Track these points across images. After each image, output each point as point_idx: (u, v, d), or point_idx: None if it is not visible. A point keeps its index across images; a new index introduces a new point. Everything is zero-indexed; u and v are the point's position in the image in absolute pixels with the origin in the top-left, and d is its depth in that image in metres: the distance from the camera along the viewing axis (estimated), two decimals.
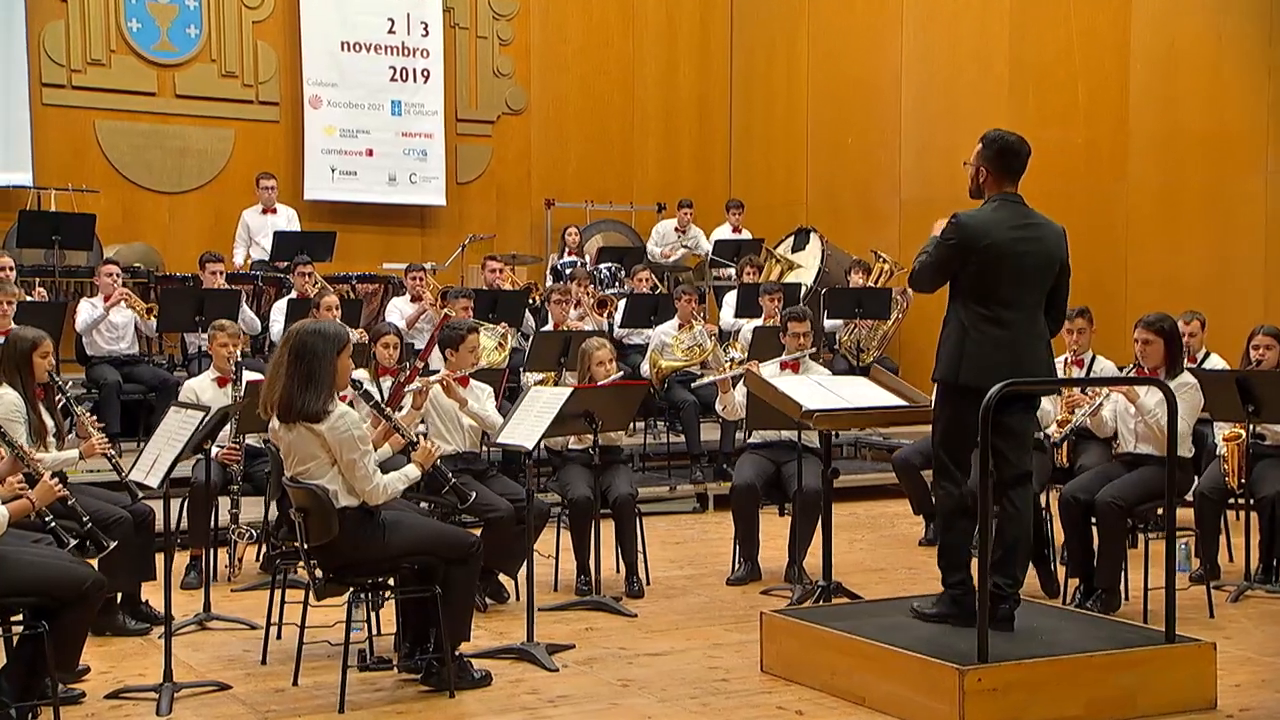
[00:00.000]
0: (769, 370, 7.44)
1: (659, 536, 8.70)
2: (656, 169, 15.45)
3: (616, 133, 15.29)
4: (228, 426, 6.73)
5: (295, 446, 5.02)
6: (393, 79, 13.88)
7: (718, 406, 7.69)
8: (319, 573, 5.12)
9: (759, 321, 10.65)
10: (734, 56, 15.95)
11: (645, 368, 9.96)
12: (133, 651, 5.85)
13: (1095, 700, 4.92)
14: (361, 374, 7.62)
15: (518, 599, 6.75)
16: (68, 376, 9.99)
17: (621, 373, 7.33)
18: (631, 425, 10.64)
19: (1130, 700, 4.98)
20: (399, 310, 10.70)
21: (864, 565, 7.84)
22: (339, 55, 13.66)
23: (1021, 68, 12.84)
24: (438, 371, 6.78)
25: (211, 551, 6.77)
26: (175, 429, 5.17)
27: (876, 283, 12.43)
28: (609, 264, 12.45)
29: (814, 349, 7.57)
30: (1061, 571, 6.90)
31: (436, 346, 7.07)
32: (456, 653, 5.28)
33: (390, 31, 13.89)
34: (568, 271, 11.63)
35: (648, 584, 7.18)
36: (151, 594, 6.41)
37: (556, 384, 8.92)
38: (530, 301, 10.85)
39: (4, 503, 4.72)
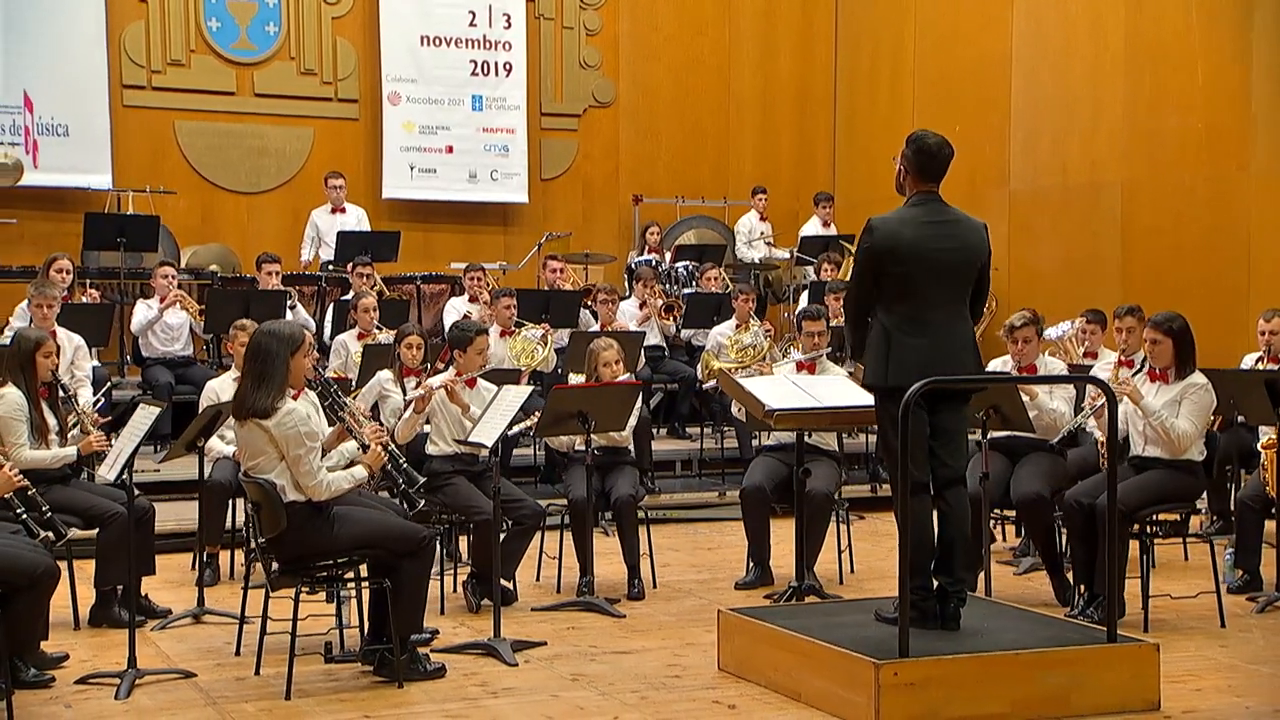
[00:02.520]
0: (786, 370, 7.87)
1: (694, 542, 9.16)
2: (753, 162, 15.82)
3: (710, 125, 15.71)
4: None
5: (247, 442, 5.63)
6: (473, 73, 14.54)
7: (734, 409, 8.11)
8: (274, 565, 5.71)
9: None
10: (839, 42, 16.24)
11: (700, 369, 10.40)
12: (122, 643, 6.50)
13: (1023, 698, 5.24)
14: (386, 374, 8.27)
15: (518, 600, 7.29)
16: (122, 379, 10.95)
17: (629, 374, 7.79)
18: (683, 429, 11.16)
19: (1063, 698, 5.28)
20: (456, 310, 11.31)
21: (886, 573, 8.14)
22: (418, 50, 14.38)
23: (1137, 48, 12.91)
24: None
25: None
26: (139, 424, 5.82)
27: None
28: (685, 262, 12.90)
29: (830, 348, 7.92)
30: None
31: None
32: (414, 645, 5.81)
33: (471, 25, 14.55)
34: (634, 270, 12.10)
35: (654, 587, 7.64)
36: (152, 588, 7.14)
37: None
38: (589, 303, 11.34)
39: None
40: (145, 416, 5.82)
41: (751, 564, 7.79)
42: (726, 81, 15.82)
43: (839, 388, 6.40)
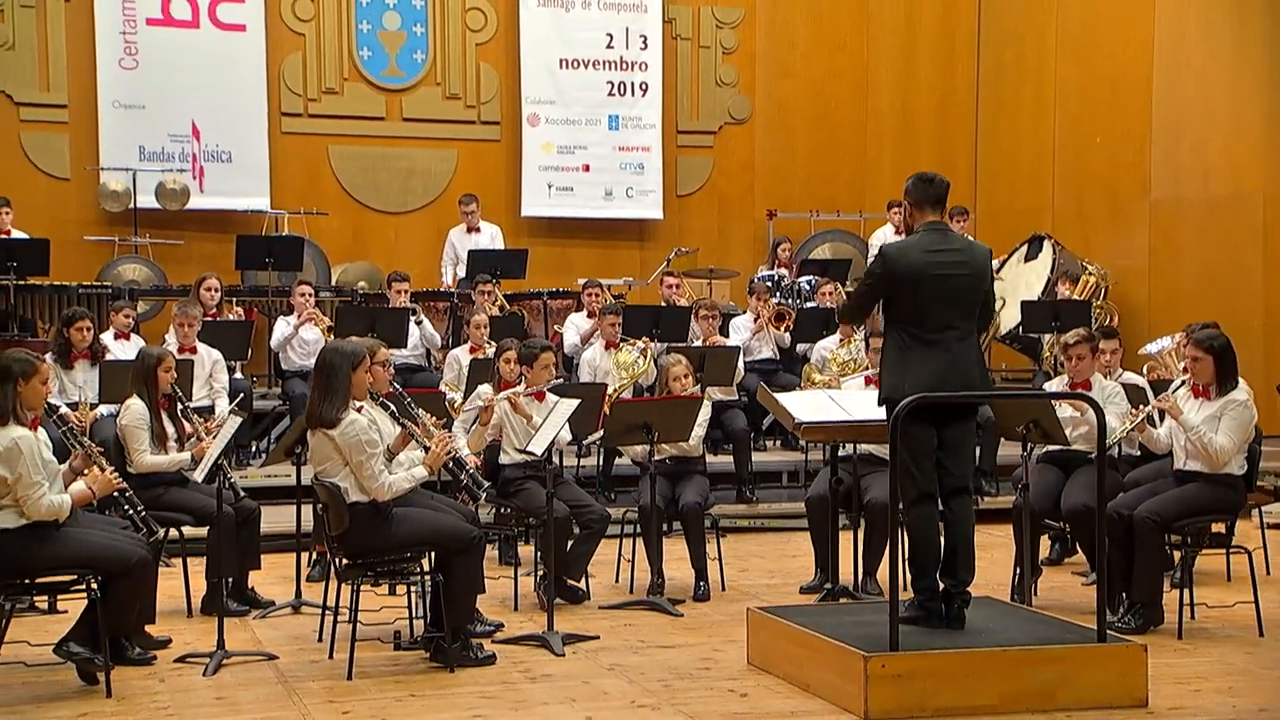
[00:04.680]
0: (854, 384, 8.41)
1: (782, 549, 9.72)
2: (892, 175, 16.19)
3: (847, 139, 16.23)
4: None
5: (317, 449, 6.44)
6: (610, 94, 15.34)
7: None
8: (341, 559, 6.50)
9: None
10: (981, 54, 16.58)
11: (802, 382, 10.94)
12: (227, 628, 7.33)
13: (1011, 692, 5.73)
14: (485, 388, 9.01)
15: (590, 598, 7.98)
16: (267, 390, 11.96)
17: (697, 388, 8.41)
18: (796, 440, 11.68)
19: (1049, 694, 5.76)
20: (576, 326, 12.06)
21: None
22: (557, 73, 15.23)
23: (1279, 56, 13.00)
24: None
25: None
26: (226, 433, 6.68)
27: (1083, 295, 12.91)
28: (809, 277, 13.42)
29: None
30: None
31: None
32: (467, 634, 6.54)
33: (609, 47, 15.35)
34: (751, 287, 12.67)
35: (723, 589, 8.25)
36: (264, 582, 8.03)
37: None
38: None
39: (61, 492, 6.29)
40: (231, 426, 6.68)
41: (817, 569, 8.32)
42: (864, 95, 16.31)
43: (869, 402, 6.90)
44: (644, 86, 15.46)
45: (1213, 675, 6.39)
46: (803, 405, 6.82)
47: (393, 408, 6.80)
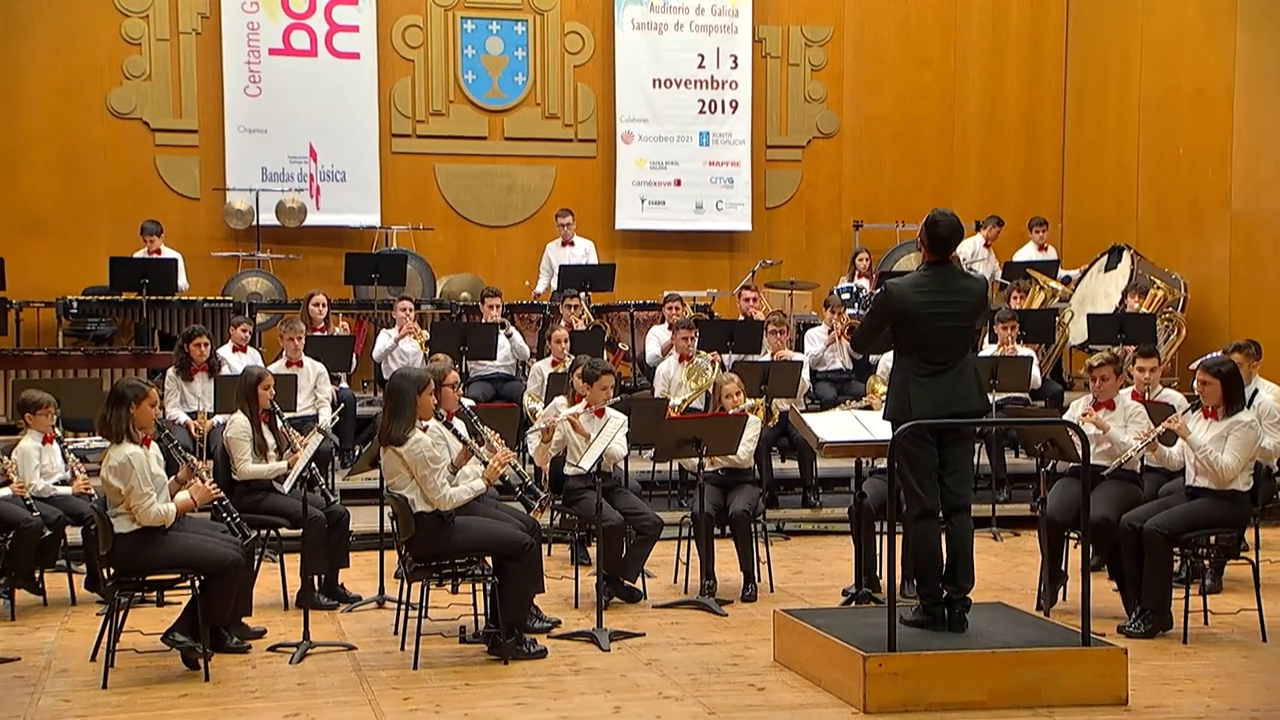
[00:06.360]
0: None
1: (837, 553, 10.26)
2: (978, 187, 16.70)
3: (934, 151, 16.71)
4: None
5: (387, 464, 7.21)
6: (701, 111, 16.02)
7: None
8: (409, 563, 7.27)
9: (992, 350, 11.93)
10: (1068, 67, 16.93)
11: (867, 391, 11.49)
12: (316, 621, 8.17)
13: (999, 690, 6.31)
14: (560, 400, 9.71)
15: (646, 598, 8.67)
16: (374, 398, 12.80)
17: (749, 403, 9.06)
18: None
19: (1035, 692, 6.32)
20: (657, 338, 12.72)
21: (998, 584, 9.14)
22: (650, 92, 15.93)
23: None
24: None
25: None
26: (311, 448, 7.49)
27: (1151, 309, 13.26)
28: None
29: None
30: None
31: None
32: (521, 630, 7.27)
33: (700, 66, 16.02)
34: (826, 299, 13.23)
35: (771, 591, 8.89)
36: (350, 578, 8.83)
37: (767, 410, 10.71)
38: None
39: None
40: (315, 442, 7.50)
41: (864, 574, 8.91)
42: (951, 108, 16.76)
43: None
44: (734, 104, 16.09)
45: (1201, 677, 6.89)
46: (828, 426, 7.44)
47: (456, 426, 7.54)
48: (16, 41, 14.74)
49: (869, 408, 11.16)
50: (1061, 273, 14.90)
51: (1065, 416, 8.77)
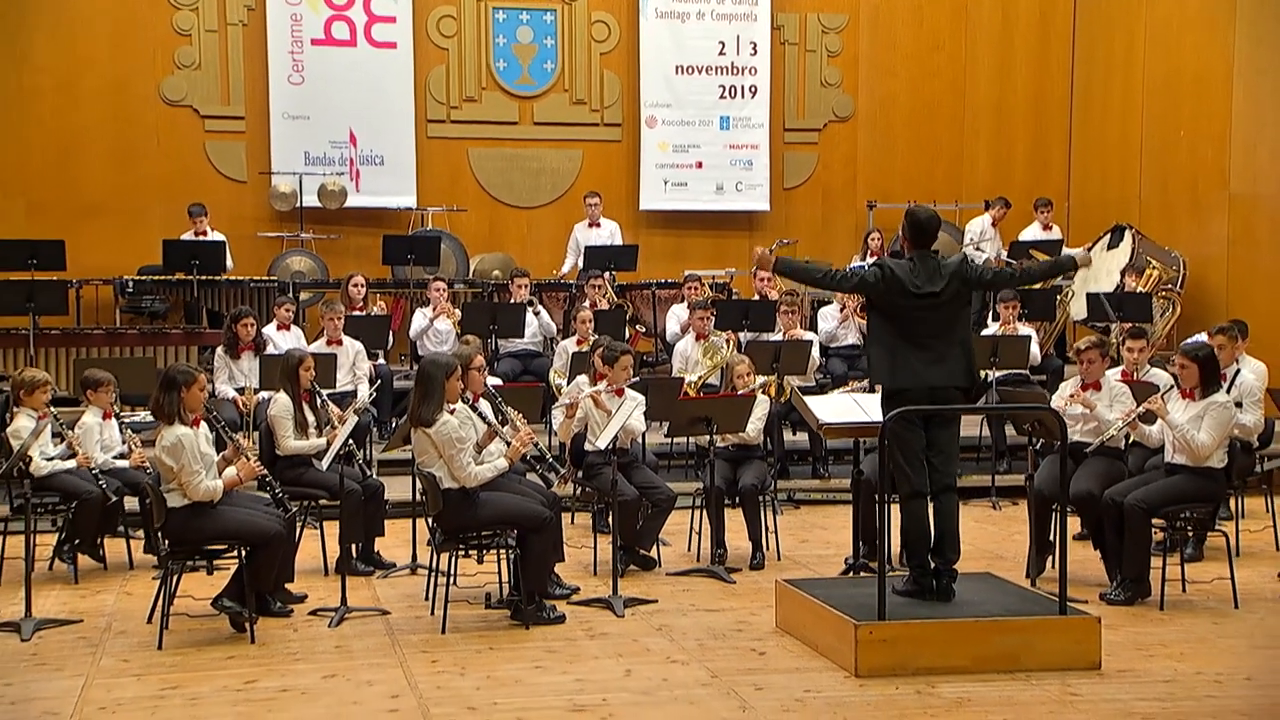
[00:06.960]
0: None
1: (846, 522, 10.49)
2: (987, 168, 16.89)
3: (945, 134, 16.90)
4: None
5: (417, 444, 7.54)
6: (721, 96, 16.24)
7: None
8: (439, 534, 7.61)
9: (994, 328, 12.16)
10: (1075, 52, 17.06)
11: None
12: (354, 587, 8.52)
13: (981, 655, 6.61)
14: (583, 378, 10.00)
15: (660, 566, 8.99)
16: (409, 372, 13.13)
17: (760, 381, 9.36)
18: None
19: (1014, 657, 6.63)
20: (677, 316, 13.01)
21: (992, 553, 9.42)
22: (673, 79, 16.16)
23: None
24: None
25: None
26: (348, 427, 7.84)
27: (1147, 288, 13.45)
28: None
29: None
30: None
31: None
32: (541, 597, 7.61)
33: (720, 53, 16.23)
34: None
35: (778, 559, 9.20)
36: (386, 546, 9.18)
37: (779, 388, 10.99)
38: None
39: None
40: (352, 421, 7.85)
41: (861, 543, 9.19)
42: (962, 92, 16.94)
43: None
44: (753, 89, 16.30)
45: (1173, 642, 7.18)
46: (827, 408, 7.72)
47: (481, 408, 7.86)
48: (76, 38, 15.09)
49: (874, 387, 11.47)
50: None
51: (1058, 393, 9.03)
